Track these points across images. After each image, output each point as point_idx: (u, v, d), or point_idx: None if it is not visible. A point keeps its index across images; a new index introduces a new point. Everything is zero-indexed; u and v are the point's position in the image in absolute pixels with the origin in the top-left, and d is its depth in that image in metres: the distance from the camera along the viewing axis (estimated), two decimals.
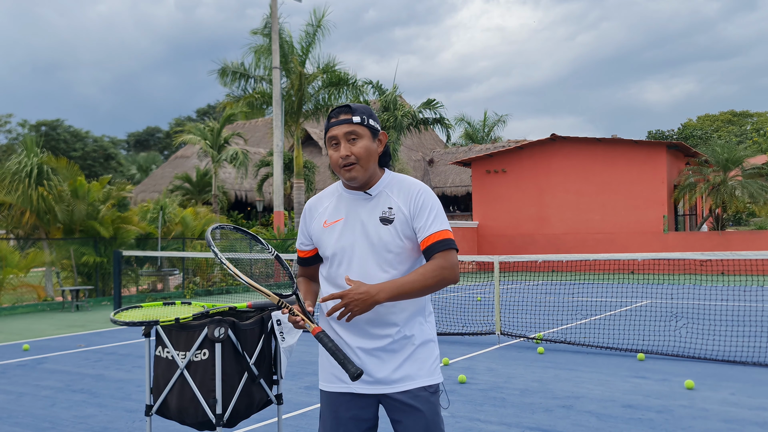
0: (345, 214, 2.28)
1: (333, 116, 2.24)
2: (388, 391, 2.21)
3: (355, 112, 2.21)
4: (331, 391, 2.30)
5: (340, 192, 2.34)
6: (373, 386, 2.22)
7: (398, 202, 2.25)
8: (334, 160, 2.22)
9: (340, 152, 2.20)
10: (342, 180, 2.31)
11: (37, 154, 15.31)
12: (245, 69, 24.19)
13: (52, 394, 5.97)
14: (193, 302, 3.53)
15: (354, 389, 2.24)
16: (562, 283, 16.97)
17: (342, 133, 2.20)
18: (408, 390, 2.20)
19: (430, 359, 2.26)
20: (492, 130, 40.91)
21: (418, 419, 2.19)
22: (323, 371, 2.35)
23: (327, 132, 2.24)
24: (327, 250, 2.29)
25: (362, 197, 2.28)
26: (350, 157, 2.19)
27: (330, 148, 2.24)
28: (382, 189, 2.28)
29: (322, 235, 2.31)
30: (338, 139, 2.21)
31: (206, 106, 64.76)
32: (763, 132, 45.06)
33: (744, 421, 4.81)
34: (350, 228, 2.26)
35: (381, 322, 2.21)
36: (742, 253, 7.07)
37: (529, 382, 6.16)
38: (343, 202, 2.31)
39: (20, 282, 14.20)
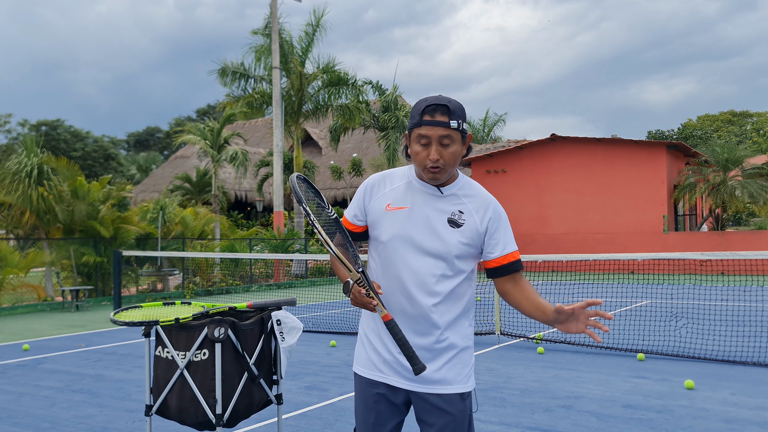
0: (411, 203, 2.22)
1: (428, 113, 2.10)
2: (421, 390, 2.21)
3: (453, 115, 2.10)
4: (365, 376, 2.30)
5: (410, 179, 2.27)
6: (409, 382, 2.22)
7: (471, 210, 2.22)
8: (421, 159, 2.14)
9: (430, 155, 2.12)
10: (416, 169, 2.23)
11: (37, 154, 15.31)
12: (245, 69, 24.19)
13: (52, 394, 5.97)
14: (193, 302, 3.53)
15: (388, 380, 2.24)
16: (562, 283, 16.96)
17: (437, 135, 2.10)
18: (442, 394, 2.20)
19: (468, 366, 2.27)
20: (492, 130, 40.90)
21: (447, 424, 2.20)
22: (361, 356, 2.34)
23: (417, 127, 2.12)
24: (383, 235, 2.23)
25: (434, 192, 2.22)
26: (440, 161, 2.12)
27: (416, 144, 2.14)
28: (456, 191, 2.24)
29: (382, 217, 2.24)
30: (430, 140, 2.11)
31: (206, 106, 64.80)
32: (763, 132, 45.07)
33: (744, 421, 4.81)
34: (414, 220, 2.21)
35: (425, 322, 2.20)
36: (742, 253, 7.07)
37: (529, 382, 6.16)
38: (412, 192, 2.24)
39: (20, 282, 14.19)
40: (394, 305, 2.22)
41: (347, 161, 34.76)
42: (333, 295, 15.73)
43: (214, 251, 18.83)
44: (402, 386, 2.23)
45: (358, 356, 2.36)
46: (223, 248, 19.44)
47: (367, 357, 2.30)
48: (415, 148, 2.15)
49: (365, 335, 2.34)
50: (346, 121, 24.47)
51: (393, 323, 2.06)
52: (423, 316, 2.19)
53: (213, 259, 17.97)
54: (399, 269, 2.20)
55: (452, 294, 2.22)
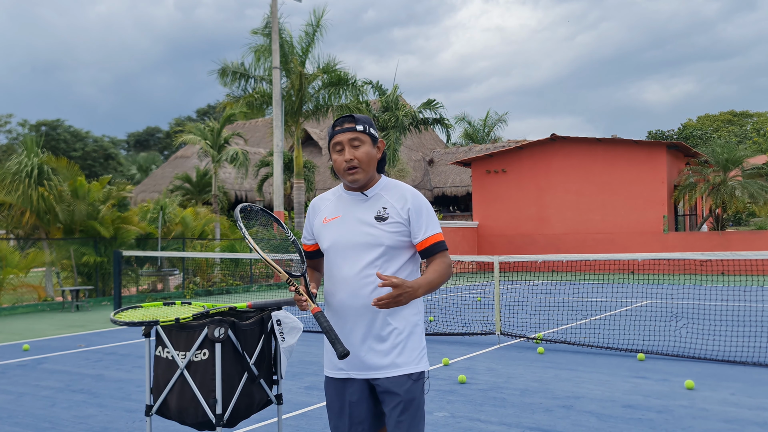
0: (343, 212, 2.53)
1: (338, 125, 2.48)
2: (376, 376, 2.45)
3: (358, 122, 2.47)
4: (333, 377, 2.55)
5: (340, 193, 2.60)
6: (365, 372, 2.46)
7: (392, 203, 2.49)
8: (339, 164, 2.47)
9: (344, 156, 2.45)
10: (343, 182, 2.56)
11: (37, 154, 15.31)
12: (245, 69, 24.18)
13: (52, 394, 5.98)
14: (193, 302, 3.53)
15: (350, 375, 2.49)
16: (562, 283, 16.97)
17: (346, 139, 2.45)
18: (390, 377, 2.42)
19: (417, 349, 2.48)
20: (492, 130, 40.89)
21: (397, 404, 2.41)
22: (326, 358, 2.61)
23: (332, 139, 2.48)
24: (324, 243, 2.55)
25: (359, 198, 2.53)
26: (353, 161, 2.44)
27: (334, 153, 2.49)
28: (378, 191, 2.53)
29: (321, 230, 2.57)
30: (343, 145, 2.46)
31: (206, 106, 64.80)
32: (763, 132, 45.07)
33: (744, 421, 4.81)
34: (346, 224, 2.50)
35: (369, 313, 2.44)
36: (742, 253, 7.07)
37: (529, 382, 6.16)
38: (342, 202, 2.56)
39: (20, 282, 14.19)
40: (340, 303, 2.48)
41: None
42: None
43: (214, 251, 18.83)
44: (361, 377, 2.47)
45: (325, 360, 2.62)
46: (223, 248, 19.44)
47: (330, 359, 2.57)
48: (334, 157, 2.48)
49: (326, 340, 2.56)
50: None
51: (319, 314, 2.34)
52: (366, 306, 2.42)
53: (213, 259, 17.97)
54: (341, 269, 2.48)
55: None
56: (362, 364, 2.46)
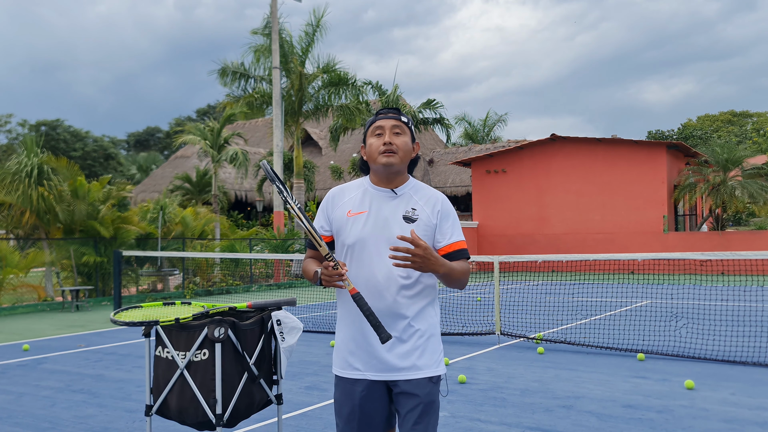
0: (368, 207, 2.43)
1: (382, 112, 2.45)
2: (395, 378, 2.37)
3: (402, 114, 2.46)
4: (345, 377, 2.44)
5: (366, 187, 2.50)
6: (383, 373, 2.38)
7: (422, 205, 2.44)
8: (375, 147, 2.41)
9: (384, 139, 2.39)
10: (370, 175, 2.50)
11: (37, 154, 15.31)
12: (245, 69, 24.18)
13: (52, 394, 5.97)
14: (193, 302, 3.53)
15: (367, 376, 2.39)
16: (562, 283, 16.97)
17: (389, 125, 2.42)
18: (412, 379, 2.36)
19: (436, 353, 2.43)
20: (492, 130, 40.88)
21: (416, 406, 2.35)
22: (338, 357, 2.49)
23: (373, 123, 2.44)
24: (348, 238, 2.42)
25: (388, 194, 2.45)
26: (392, 146, 2.39)
27: (372, 137, 2.43)
28: (407, 191, 2.47)
29: (345, 224, 2.44)
30: (384, 130, 2.41)
31: (206, 106, 64.82)
32: (763, 132, 45.07)
33: (744, 421, 4.81)
34: (373, 221, 2.40)
35: (394, 314, 2.36)
36: (742, 253, 7.07)
37: (529, 382, 6.16)
38: (368, 197, 2.46)
39: (20, 282, 14.19)
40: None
41: (347, 161, 34.77)
42: (333, 296, 15.74)
43: (214, 251, 18.83)
44: (379, 378, 2.38)
45: (336, 358, 2.51)
46: (223, 248, 19.44)
47: (343, 357, 2.46)
48: (371, 140, 2.43)
49: (340, 336, 2.49)
50: (347, 121, 24.47)
51: (359, 296, 2.23)
52: (390, 308, 2.36)
53: (213, 259, 17.97)
54: (365, 268, 2.38)
55: (416, 284, 2.39)
56: (381, 365, 2.37)
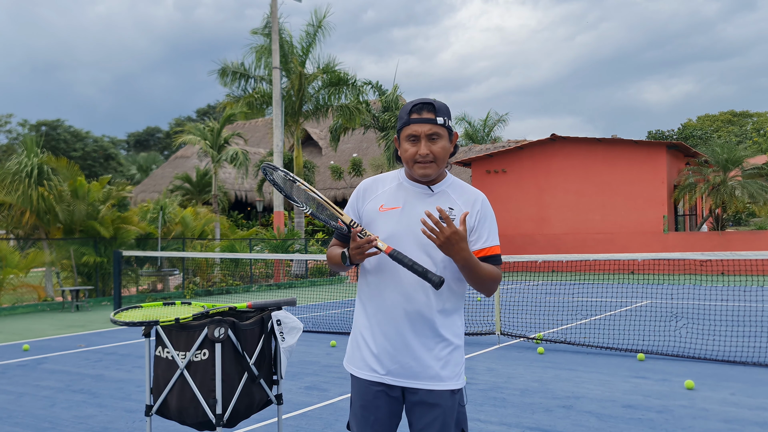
0: (403, 203, 2.29)
1: (415, 112, 2.23)
2: (416, 386, 2.24)
3: (438, 113, 2.22)
4: (362, 378, 2.32)
5: (400, 180, 2.35)
6: (404, 379, 2.25)
7: (461, 205, 2.29)
8: (410, 155, 2.24)
9: (420, 149, 2.22)
10: (406, 170, 2.34)
11: (37, 154, 15.31)
12: (245, 69, 24.18)
13: (52, 394, 5.97)
14: (193, 302, 3.53)
15: (384, 380, 2.26)
16: (562, 283, 16.96)
17: (425, 132, 2.21)
18: (433, 390, 2.24)
19: (459, 365, 2.31)
20: (492, 130, 40.87)
21: (436, 417, 2.23)
22: (354, 356, 2.37)
23: (406, 126, 2.24)
24: (379, 234, 2.26)
25: (424, 191, 2.31)
26: (429, 156, 2.22)
27: (406, 142, 2.25)
28: (445, 188, 2.32)
29: (376, 218, 2.30)
30: (419, 137, 2.22)
31: (206, 106, 64.81)
32: (763, 132, 45.07)
33: (744, 421, 4.81)
34: (407, 218, 2.26)
35: (423, 319, 2.23)
36: (742, 253, 7.06)
37: (529, 382, 6.16)
38: (403, 192, 2.32)
39: (20, 282, 14.19)
40: (392, 304, 2.25)
41: (347, 161, 34.76)
42: (333, 295, 15.74)
43: (214, 251, 18.82)
44: (397, 384, 2.26)
45: (353, 356, 2.39)
46: (223, 248, 19.44)
47: (362, 357, 2.33)
48: (405, 146, 2.25)
49: (360, 334, 2.36)
50: (347, 121, 24.47)
51: (396, 252, 2.13)
52: (420, 312, 2.22)
53: (213, 259, 17.96)
54: (397, 267, 2.23)
55: (447, 289, 2.26)
56: (403, 370, 2.24)
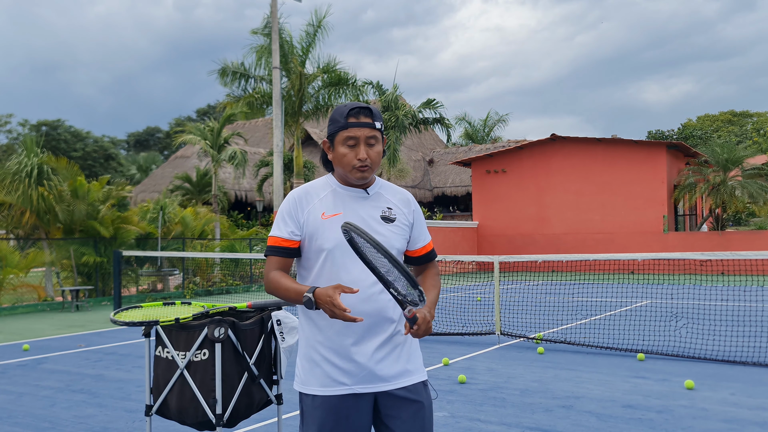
0: (343, 208, 2.27)
1: (353, 116, 2.22)
2: (388, 388, 2.22)
3: (375, 117, 2.25)
4: (330, 395, 2.20)
5: (333, 187, 2.32)
6: (374, 384, 2.22)
7: (396, 204, 2.34)
8: (349, 160, 2.23)
9: (358, 154, 2.22)
10: (335, 175, 2.33)
11: (37, 154, 15.31)
12: (245, 69, 24.19)
13: (52, 394, 5.97)
14: (193, 302, 3.53)
15: (354, 390, 2.20)
16: (562, 283, 16.96)
17: (364, 136, 2.22)
18: (406, 386, 2.24)
19: (420, 357, 2.35)
20: (492, 130, 40.90)
21: (418, 412, 2.24)
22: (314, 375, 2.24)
23: (343, 129, 2.22)
24: (327, 242, 2.22)
25: (360, 194, 2.31)
26: (367, 160, 2.23)
27: (343, 147, 2.23)
28: (378, 190, 2.35)
29: (320, 227, 2.24)
30: (358, 141, 2.22)
31: (206, 106, 64.80)
32: (763, 132, 45.08)
33: (744, 421, 4.81)
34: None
35: (381, 318, 2.23)
36: (742, 253, 7.06)
37: (529, 382, 6.16)
38: (339, 197, 2.30)
39: (20, 282, 14.19)
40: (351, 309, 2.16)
41: None
42: None
43: (214, 251, 18.82)
44: (368, 391, 2.21)
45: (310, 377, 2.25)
46: (223, 248, 19.44)
47: (324, 373, 2.22)
48: (342, 150, 2.24)
49: (314, 350, 2.25)
50: None
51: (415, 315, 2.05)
52: (379, 311, 2.22)
53: (213, 259, 17.96)
54: (350, 272, 2.21)
55: None
56: (373, 375, 2.22)
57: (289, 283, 2.18)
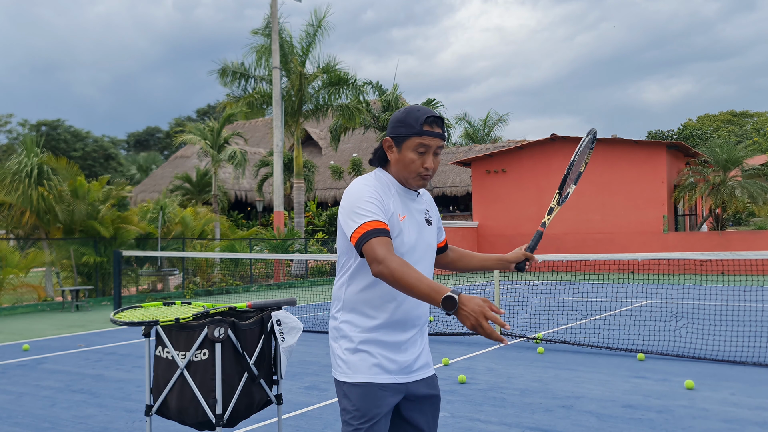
0: (407, 210, 2.31)
1: (428, 124, 2.23)
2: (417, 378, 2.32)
3: (444, 129, 2.31)
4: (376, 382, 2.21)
5: (396, 188, 2.31)
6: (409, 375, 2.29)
7: (429, 206, 2.46)
8: (416, 167, 2.25)
9: (425, 162, 2.25)
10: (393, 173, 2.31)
11: (37, 154, 15.31)
12: (245, 69, 24.19)
13: (52, 394, 5.98)
14: (193, 302, 3.53)
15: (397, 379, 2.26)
16: (562, 283, 16.96)
17: (436, 146, 2.27)
18: (427, 377, 2.34)
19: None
20: (492, 130, 40.90)
21: (436, 405, 2.37)
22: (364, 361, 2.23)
23: (417, 136, 2.21)
24: (403, 246, 2.23)
25: (413, 196, 2.37)
26: (431, 170, 2.29)
27: (413, 153, 2.23)
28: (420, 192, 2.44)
29: (397, 228, 2.24)
30: (428, 150, 2.25)
31: (206, 106, 64.81)
32: (763, 132, 45.07)
33: (744, 421, 4.81)
34: (416, 225, 2.32)
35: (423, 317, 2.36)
36: (742, 253, 7.07)
37: (529, 382, 6.16)
38: (401, 198, 2.31)
39: (20, 282, 14.19)
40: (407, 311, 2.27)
41: (347, 161, 34.77)
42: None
43: (214, 251, 18.82)
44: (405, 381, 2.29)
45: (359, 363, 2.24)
46: (223, 248, 19.44)
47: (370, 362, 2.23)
48: (411, 155, 2.25)
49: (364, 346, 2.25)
50: (347, 121, 24.47)
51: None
52: (425, 312, 2.36)
53: (213, 259, 17.97)
54: None
55: None
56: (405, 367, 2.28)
57: (420, 275, 2.00)
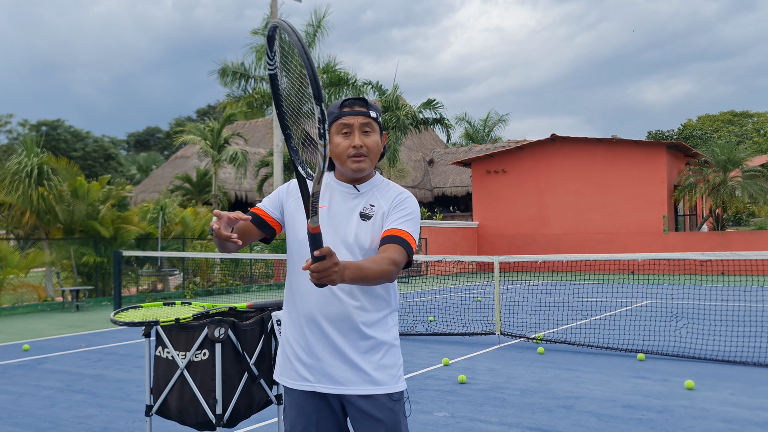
0: (329, 202, 2.21)
1: (347, 105, 2.18)
2: (349, 393, 2.13)
3: (370, 107, 2.19)
4: (295, 388, 2.19)
5: (328, 180, 2.27)
6: (336, 386, 2.13)
7: (381, 202, 2.22)
8: (343, 149, 2.16)
9: (353, 141, 2.15)
10: (336, 171, 2.26)
11: (37, 154, 15.31)
12: (245, 69, 24.20)
13: (52, 394, 5.97)
14: (193, 302, 3.53)
15: (316, 387, 2.15)
16: (562, 283, 16.96)
17: (358, 123, 2.16)
18: (370, 395, 2.12)
19: (395, 366, 2.18)
20: (492, 130, 40.89)
21: (377, 429, 2.12)
22: (286, 364, 2.23)
23: (338, 119, 2.16)
24: (300, 232, 2.17)
25: (350, 191, 2.23)
26: (362, 149, 2.15)
27: (338, 136, 2.17)
28: (371, 188, 2.25)
29: (297, 215, 2.19)
30: (352, 129, 2.16)
31: (206, 106, 64.76)
32: (763, 132, 45.08)
33: (744, 421, 4.81)
34: (333, 218, 2.18)
35: (348, 321, 2.13)
36: (742, 253, 7.06)
37: (529, 382, 6.16)
38: (329, 191, 2.23)
39: (20, 282, 14.19)
40: (314, 305, 2.14)
41: None
42: None
43: (214, 251, 18.82)
44: (330, 392, 2.14)
45: (283, 366, 2.25)
46: None
47: (292, 367, 2.20)
48: (336, 140, 2.17)
49: (288, 343, 2.23)
50: None
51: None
52: (345, 314, 2.12)
53: (213, 259, 17.96)
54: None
55: (372, 290, 2.15)
56: (332, 378, 2.13)
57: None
